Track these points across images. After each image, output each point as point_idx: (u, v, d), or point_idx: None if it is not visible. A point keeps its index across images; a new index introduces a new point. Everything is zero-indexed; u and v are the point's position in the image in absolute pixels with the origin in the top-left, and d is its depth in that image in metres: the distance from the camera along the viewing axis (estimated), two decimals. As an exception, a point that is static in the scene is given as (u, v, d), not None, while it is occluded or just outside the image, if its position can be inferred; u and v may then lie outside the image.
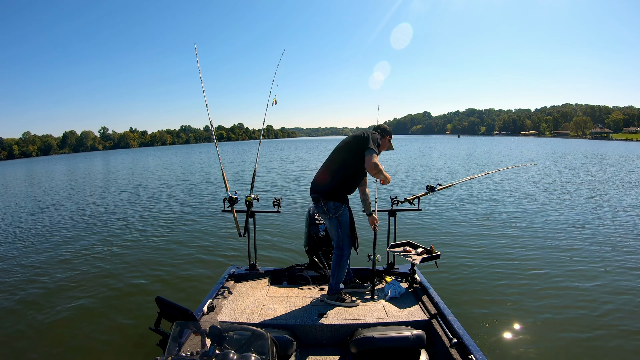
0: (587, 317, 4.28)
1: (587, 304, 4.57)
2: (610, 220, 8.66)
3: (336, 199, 3.16)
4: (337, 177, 3.18)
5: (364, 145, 3.05)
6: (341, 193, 3.19)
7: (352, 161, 3.14)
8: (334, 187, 3.17)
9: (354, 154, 3.12)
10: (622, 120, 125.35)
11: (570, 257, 6.13)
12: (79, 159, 65.28)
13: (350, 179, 3.22)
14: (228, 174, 3.94)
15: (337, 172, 3.18)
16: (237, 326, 2.07)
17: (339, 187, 3.18)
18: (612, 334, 3.93)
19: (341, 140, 3.33)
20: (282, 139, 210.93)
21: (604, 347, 3.74)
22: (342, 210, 3.19)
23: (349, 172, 3.18)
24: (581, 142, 78.69)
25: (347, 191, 3.25)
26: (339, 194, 3.18)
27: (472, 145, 58.06)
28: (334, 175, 3.19)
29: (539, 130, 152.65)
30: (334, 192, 3.16)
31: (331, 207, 3.16)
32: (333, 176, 3.19)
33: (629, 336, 3.90)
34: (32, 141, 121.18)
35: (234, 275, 3.72)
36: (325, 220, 3.29)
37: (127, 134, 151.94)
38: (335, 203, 3.16)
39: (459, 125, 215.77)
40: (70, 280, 5.84)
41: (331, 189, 3.16)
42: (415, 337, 2.59)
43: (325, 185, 3.18)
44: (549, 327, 4.07)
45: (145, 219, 10.36)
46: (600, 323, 4.14)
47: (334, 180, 3.18)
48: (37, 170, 40.00)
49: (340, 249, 3.23)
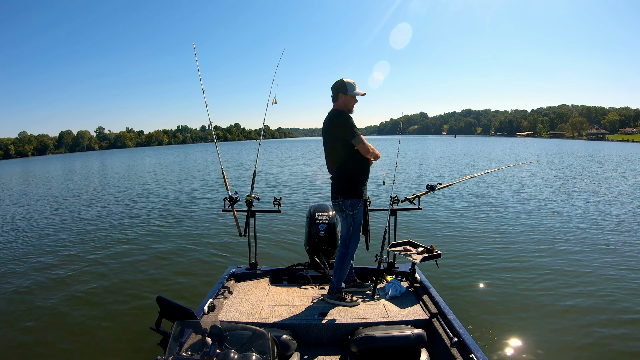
0: (588, 317, 4.29)
1: (588, 304, 4.58)
2: (611, 220, 8.70)
3: (354, 196, 3.15)
4: (344, 175, 3.18)
5: (348, 136, 3.05)
6: (358, 188, 3.17)
7: (347, 155, 3.12)
8: (348, 184, 3.16)
9: (343, 148, 3.11)
10: (618, 121, 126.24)
11: (572, 256, 6.15)
12: (76, 159, 65.03)
13: (357, 170, 3.18)
14: (228, 174, 3.92)
15: (341, 171, 3.18)
16: (238, 326, 2.05)
17: (352, 182, 3.16)
18: (612, 334, 3.94)
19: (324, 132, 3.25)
20: (280, 139, 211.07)
21: (604, 346, 3.75)
22: (359, 207, 3.17)
23: (352, 165, 3.16)
24: (577, 142, 79.15)
25: (363, 182, 3.21)
26: (355, 189, 3.16)
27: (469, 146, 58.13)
28: (340, 175, 3.19)
29: (535, 131, 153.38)
30: (350, 189, 3.15)
31: (348, 205, 3.15)
32: (339, 176, 3.19)
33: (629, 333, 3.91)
34: (28, 141, 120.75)
35: (235, 274, 3.70)
36: (341, 217, 3.29)
37: (124, 133, 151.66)
38: (353, 200, 3.14)
39: (455, 125, 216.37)
40: (70, 280, 5.82)
41: (347, 187, 3.15)
42: (416, 337, 2.58)
43: (339, 184, 3.19)
44: (550, 326, 4.08)
45: (145, 218, 10.33)
46: (601, 323, 4.14)
47: (344, 177, 3.18)
48: (33, 169, 39.78)
49: (346, 246, 3.22)
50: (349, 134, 3.06)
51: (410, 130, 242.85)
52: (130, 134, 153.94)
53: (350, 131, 3.06)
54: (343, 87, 3.16)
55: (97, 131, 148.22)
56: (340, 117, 3.13)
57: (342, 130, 3.09)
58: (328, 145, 3.25)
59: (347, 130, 3.07)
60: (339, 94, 3.19)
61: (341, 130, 3.10)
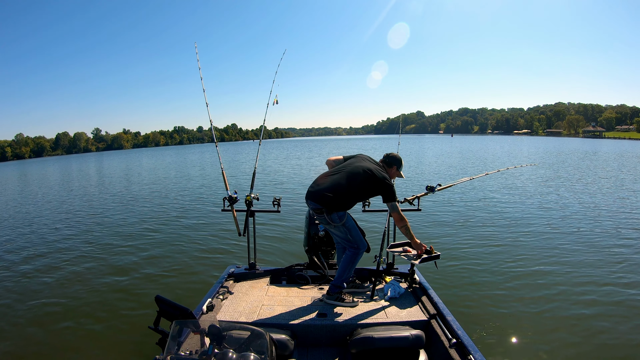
0: (587, 317, 4.28)
1: (588, 305, 4.58)
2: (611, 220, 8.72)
3: (340, 209, 3.12)
4: (344, 199, 3.12)
5: (388, 198, 3.13)
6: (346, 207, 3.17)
7: (363, 196, 3.26)
8: (340, 204, 3.11)
9: (366, 192, 3.21)
10: (614, 119, 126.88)
11: (572, 258, 6.14)
12: (73, 160, 64.73)
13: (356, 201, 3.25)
14: (227, 174, 3.92)
15: (346, 197, 3.11)
16: (236, 325, 2.06)
17: (345, 203, 3.14)
18: (612, 334, 3.94)
19: (355, 168, 3.17)
20: (277, 139, 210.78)
21: (604, 346, 3.76)
22: (346, 217, 3.17)
23: (358, 199, 3.24)
24: (574, 140, 79.43)
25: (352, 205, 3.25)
26: (344, 207, 3.15)
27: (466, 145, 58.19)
28: (341, 198, 3.09)
29: (532, 129, 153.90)
30: (339, 206, 3.11)
31: (335, 218, 3.11)
32: (340, 198, 3.09)
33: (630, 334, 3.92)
34: (24, 143, 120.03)
35: (234, 274, 3.70)
36: (330, 229, 3.26)
37: (121, 135, 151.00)
38: (339, 213, 3.12)
39: (452, 124, 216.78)
40: (69, 279, 5.80)
41: (335, 204, 3.09)
42: (415, 337, 2.58)
43: (330, 201, 3.07)
44: (549, 327, 4.08)
45: (144, 218, 10.30)
46: (601, 324, 4.14)
47: (341, 200, 3.10)
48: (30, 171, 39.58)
49: (356, 248, 3.21)
50: (390, 197, 3.13)
51: (407, 129, 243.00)
52: (127, 135, 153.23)
53: (393, 195, 3.14)
54: (400, 163, 3.36)
55: (94, 133, 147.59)
56: (391, 187, 3.16)
57: (386, 190, 3.13)
58: (356, 181, 3.13)
59: (391, 194, 3.13)
60: (394, 166, 3.33)
61: (385, 189, 3.13)
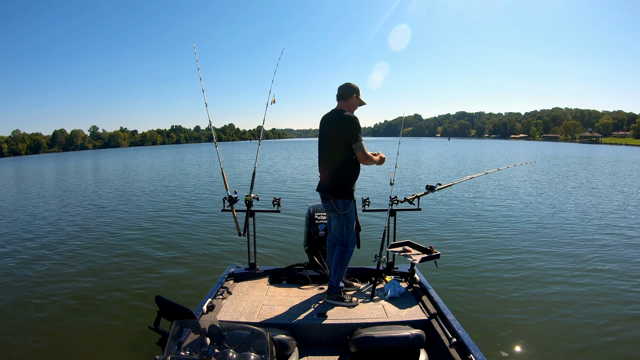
0: (588, 317, 4.30)
1: (588, 305, 4.60)
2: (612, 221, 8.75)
3: (345, 196, 3.15)
4: (340, 175, 3.16)
5: (351, 139, 3.06)
6: (349, 188, 3.19)
7: (348, 156, 3.13)
8: (341, 185, 3.15)
9: (346, 149, 3.11)
10: (611, 125, 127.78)
11: (572, 257, 6.18)
12: (70, 158, 64.44)
13: (352, 172, 3.21)
14: (226, 174, 3.91)
15: (339, 171, 3.16)
16: (237, 325, 2.04)
17: (346, 183, 3.17)
18: (612, 334, 3.96)
19: (325, 129, 3.23)
20: (275, 140, 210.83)
21: (604, 346, 3.77)
22: (350, 207, 3.19)
23: (349, 167, 3.17)
24: (571, 145, 79.89)
25: (354, 183, 3.24)
26: (347, 190, 3.17)
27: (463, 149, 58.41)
28: (336, 174, 3.16)
29: (529, 134, 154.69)
30: (342, 189, 3.15)
31: (340, 205, 3.15)
32: (336, 175, 3.16)
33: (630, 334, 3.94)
34: (21, 139, 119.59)
35: (234, 274, 3.68)
36: (333, 217, 3.28)
37: (118, 133, 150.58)
38: (344, 200, 3.15)
39: (449, 128, 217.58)
40: (69, 279, 5.76)
41: (340, 187, 3.15)
42: (415, 337, 2.58)
43: (332, 184, 3.16)
44: (549, 327, 4.09)
45: (144, 218, 10.25)
46: (601, 324, 4.16)
47: (338, 178, 3.16)
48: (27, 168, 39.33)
49: (344, 245, 3.23)
50: (353, 138, 3.05)
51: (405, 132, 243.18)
52: (124, 134, 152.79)
53: (356, 135, 3.06)
54: (358, 90, 3.25)
55: (91, 130, 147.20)
56: (351, 120, 3.10)
57: (349, 132, 3.07)
58: (328, 145, 3.22)
59: (354, 134, 3.06)
60: (352, 94, 3.22)
61: (348, 132, 3.07)
